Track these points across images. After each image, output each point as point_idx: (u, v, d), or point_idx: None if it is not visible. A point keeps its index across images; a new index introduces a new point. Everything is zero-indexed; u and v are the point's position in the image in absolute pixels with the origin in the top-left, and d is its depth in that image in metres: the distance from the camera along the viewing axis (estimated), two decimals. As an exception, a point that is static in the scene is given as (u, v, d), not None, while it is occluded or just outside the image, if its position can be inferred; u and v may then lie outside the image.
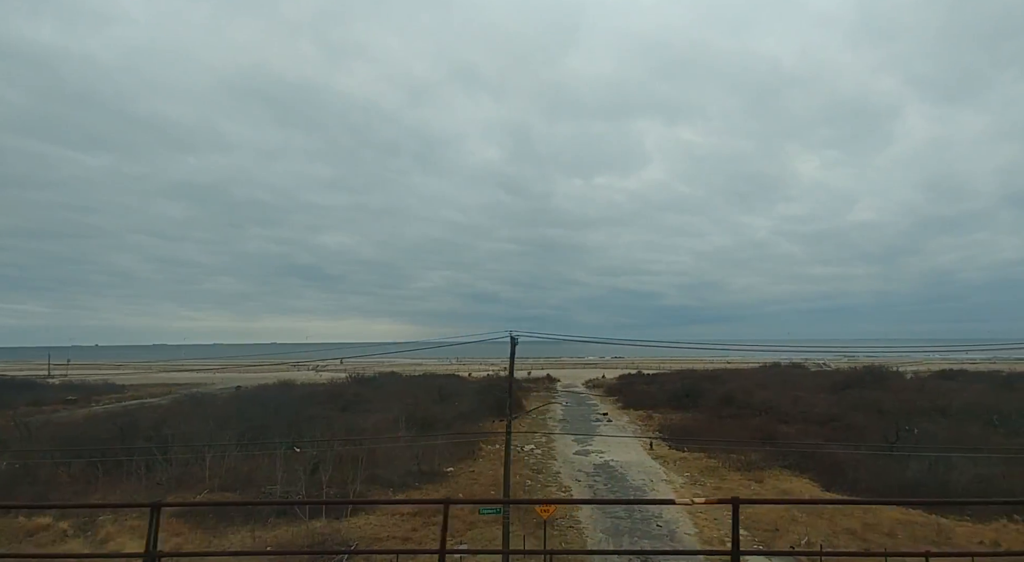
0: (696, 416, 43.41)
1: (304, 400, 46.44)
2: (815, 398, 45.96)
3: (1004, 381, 56.11)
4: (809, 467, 27.67)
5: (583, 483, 27.01)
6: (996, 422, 35.17)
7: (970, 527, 20.24)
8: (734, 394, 48.41)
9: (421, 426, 37.83)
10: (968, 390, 48.27)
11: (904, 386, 53.56)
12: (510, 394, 19.74)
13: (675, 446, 34.14)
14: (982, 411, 37.44)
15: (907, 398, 44.94)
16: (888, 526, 20.18)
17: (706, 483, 26.89)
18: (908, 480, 24.46)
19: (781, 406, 42.37)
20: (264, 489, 22.54)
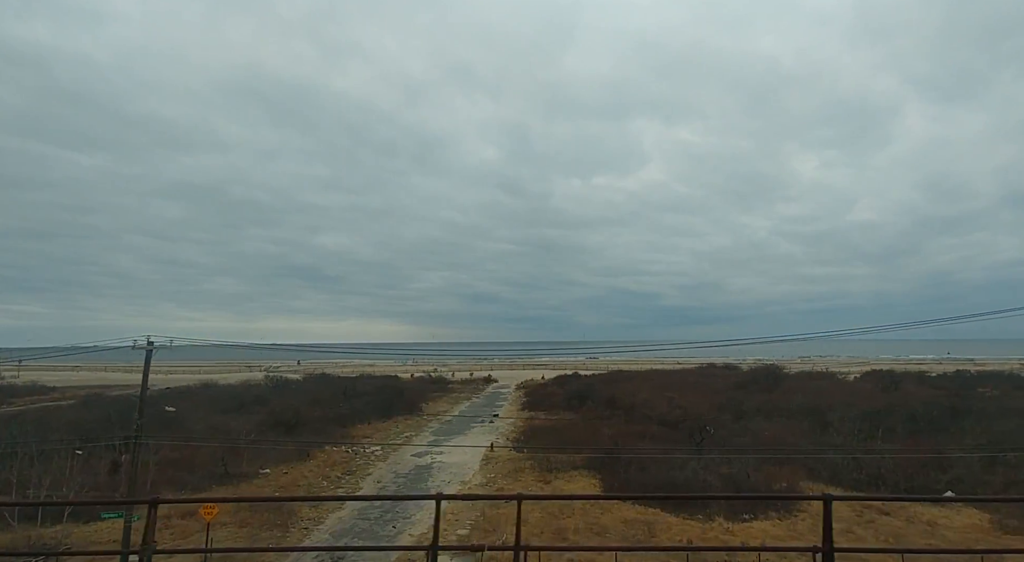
0: (573, 418, 44.82)
1: (196, 401, 48.11)
2: (694, 399, 47.29)
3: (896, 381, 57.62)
4: (604, 467, 29.12)
5: (383, 482, 28.62)
6: (831, 422, 36.51)
7: (682, 523, 21.81)
8: (618, 396, 49.74)
9: (286, 428, 39.66)
10: (841, 390, 50.02)
11: (790, 386, 54.97)
12: (140, 409, 20.19)
13: (517, 448, 35.62)
14: (823, 411, 38.78)
15: (771, 398, 46.74)
16: (610, 523, 21.79)
17: (500, 483, 28.43)
18: (670, 480, 25.86)
19: (650, 408, 43.73)
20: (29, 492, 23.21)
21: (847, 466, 27.22)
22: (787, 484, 25.16)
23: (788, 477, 25.80)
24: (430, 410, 54.48)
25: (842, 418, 34.96)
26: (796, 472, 26.76)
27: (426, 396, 61.50)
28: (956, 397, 42.96)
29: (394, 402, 51.16)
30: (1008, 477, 25.56)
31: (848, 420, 34.18)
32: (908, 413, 35.91)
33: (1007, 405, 38.58)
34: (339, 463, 31.72)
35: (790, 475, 26.16)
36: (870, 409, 37.18)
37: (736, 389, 55.15)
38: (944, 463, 27.23)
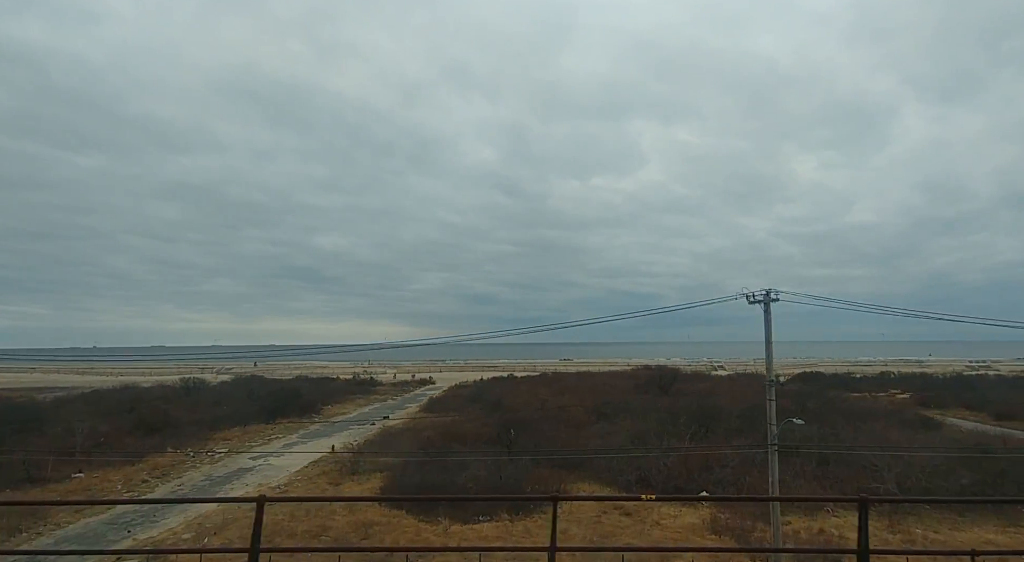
0: (455, 419, 45.65)
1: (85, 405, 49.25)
2: (575, 400, 47.94)
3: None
4: (408, 469, 29.90)
5: (186, 486, 29.56)
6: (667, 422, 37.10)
7: (417, 524, 22.59)
8: (503, 398, 50.53)
9: (149, 431, 40.79)
10: (725, 391, 50.53)
11: (679, 389, 55.53)
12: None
13: (360, 451, 36.46)
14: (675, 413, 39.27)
15: (649, 399, 47.31)
16: (341, 524, 22.64)
17: (297, 486, 29.34)
18: (443, 481, 26.65)
19: (526, 410, 44.49)
20: None
21: (622, 467, 27.82)
22: (538, 486, 25.81)
23: (549, 478, 26.46)
24: (332, 412, 55.50)
25: (675, 419, 35.44)
26: (562, 474, 27.41)
27: (335, 398, 62.52)
28: (803, 397, 43.50)
29: (288, 404, 52.08)
30: (760, 476, 26.05)
31: (681, 422, 34.65)
32: (739, 413, 36.36)
33: (846, 406, 39.03)
34: (163, 467, 32.66)
35: (553, 476, 26.83)
36: (712, 408, 37.74)
37: (633, 390, 55.68)
38: (722, 462, 27.74)
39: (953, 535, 21.45)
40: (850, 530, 21.90)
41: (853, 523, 22.43)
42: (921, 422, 35.64)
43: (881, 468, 24.13)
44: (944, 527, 22.11)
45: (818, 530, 21.76)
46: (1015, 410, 45.25)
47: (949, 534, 21.38)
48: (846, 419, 34.65)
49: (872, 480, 23.86)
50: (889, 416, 37.11)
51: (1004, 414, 45.26)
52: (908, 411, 40.84)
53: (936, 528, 22.05)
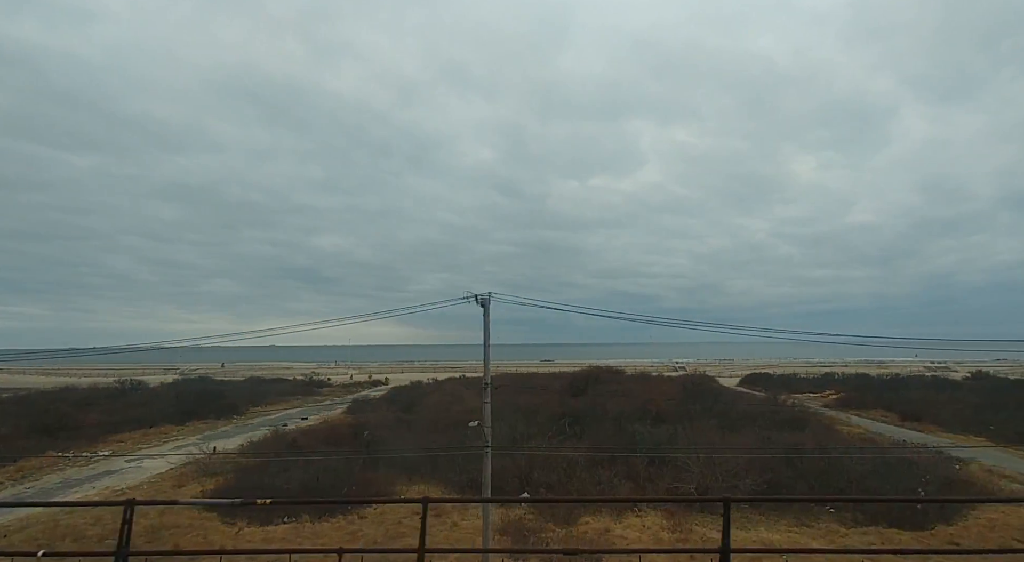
0: (369, 418, 46.01)
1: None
2: (498, 401, 48.10)
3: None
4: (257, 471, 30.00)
5: (32, 489, 29.89)
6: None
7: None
8: (415, 400, 50.79)
9: (45, 432, 41.17)
10: (649, 390, 50.17)
11: (602, 390, 55.40)
12: None
13: (218, 453, 36.55)
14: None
15: (570, 400, 47.09)
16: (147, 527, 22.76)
17: (143, 489, 29.51)
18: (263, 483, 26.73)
19: (442, 410, 44.77)
20: None
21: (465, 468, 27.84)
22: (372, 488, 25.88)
23: (377, 480, 26.51)
24: (256, 413, 55.77)
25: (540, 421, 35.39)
26: (392, 475, 27.46)
27: (269, 399, 62.94)
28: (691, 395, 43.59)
29: (210, 405, 52.40)
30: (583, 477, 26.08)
31: (539, 422, 34.57)
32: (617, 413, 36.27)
33: (724, 409, 38.90)
34: (28, 469, 33.03)
35: (381, 478, 26.88)
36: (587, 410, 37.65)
37: (548, 391, 55.72)
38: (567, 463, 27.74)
39: (748, 534, 21.28)
40: (637, 530, 21.82)
41: (647, 524, 22.37)
42: (791, 423, 35.43)
43: (692, 469, 24.03)
44: (741, 525, 22.01)
45: (604, 529, 21.64)
46: (921, 412, 46.37)
47: (741, 533, 21.19)
48: (719, 421, 34.52)
49: (675, 480, 23.79)
50: (765, 417, 36.91)
51: (910, 415, 46.29)
52: (787, 412, 40.60)
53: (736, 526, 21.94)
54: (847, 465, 24.36)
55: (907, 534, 21.00)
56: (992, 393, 53.77)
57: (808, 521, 22.50)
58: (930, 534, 20.93)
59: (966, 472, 27.88)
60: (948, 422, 42.91)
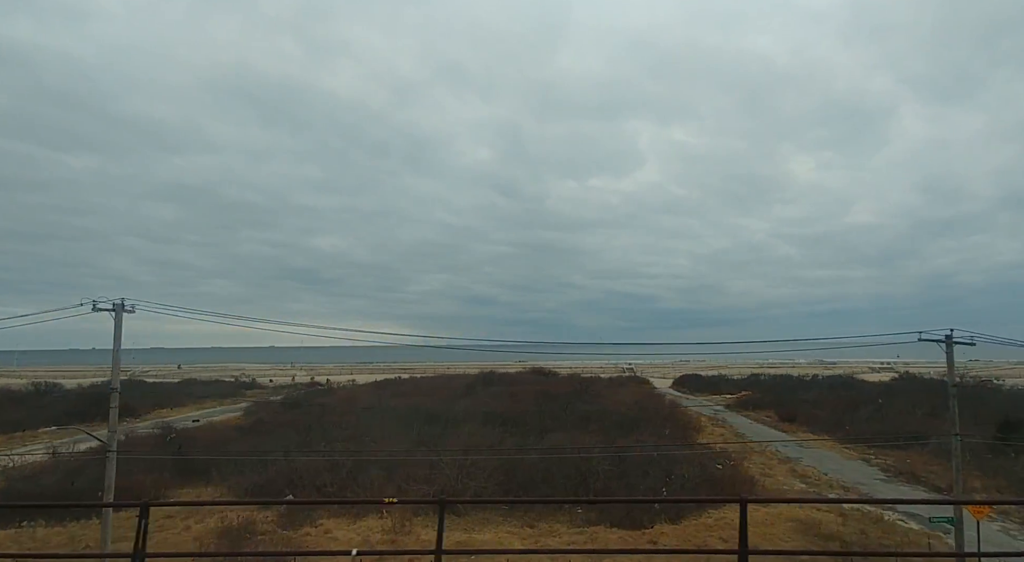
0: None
1: None
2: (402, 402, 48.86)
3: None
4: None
5: None
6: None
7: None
8: (313, 402, 51.90)
9: None
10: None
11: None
12: None
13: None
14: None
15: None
16: None
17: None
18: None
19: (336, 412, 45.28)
20: None
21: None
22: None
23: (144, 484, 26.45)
24: (161, 415, 55.99)
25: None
26: (166, 478, 27.45)
27: (184, 400, 63.79)
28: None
29: (104, 407, 52.58)
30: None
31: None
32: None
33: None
34: None
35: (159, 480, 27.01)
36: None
37: (456, 393, 56.02)
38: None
39: (470, 535, 20.95)
40: (361, 532, 21.52)
41: (371, 526, 22.00)
42: (626, 424, 35.83)
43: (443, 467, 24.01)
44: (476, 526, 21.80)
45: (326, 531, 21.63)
46: (796, 413, 47.34)
47: (459, 534, 20.82)
48: (556, 423, 34.79)
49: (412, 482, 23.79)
50: (607, 418, 37.19)
51: (786, 416, 47.27)
52: (643, 413, 40.54)
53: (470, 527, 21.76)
54: (595, 466, 24.12)
55: (620, 533, 20.95)
56: (886, 394, 53.85)
57: (543, 521, 22.46)
58: (641, 533, 20.83)
59: (731, 472, 28.11)
60: (817, 421, 43.21)
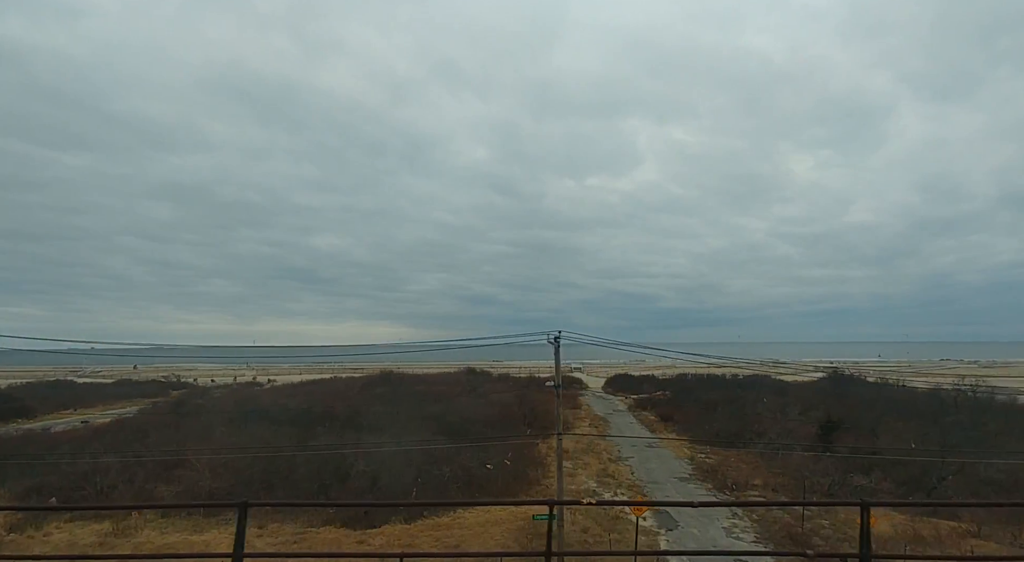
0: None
1: None
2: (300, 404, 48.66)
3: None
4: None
5: None
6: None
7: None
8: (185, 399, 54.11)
9: None
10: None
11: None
12: None
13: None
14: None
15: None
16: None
17: None
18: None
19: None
20: None
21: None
22: None
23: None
24: (58, 417, 55.10)
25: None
26: None
27: (87, 401, 64.21)
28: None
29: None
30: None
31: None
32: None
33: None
34: None
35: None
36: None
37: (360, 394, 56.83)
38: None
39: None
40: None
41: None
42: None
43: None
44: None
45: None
46: (673, 413, 49.07)
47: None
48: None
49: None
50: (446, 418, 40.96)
51: (664, 416, 49.28)
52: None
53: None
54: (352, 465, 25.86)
55: (341, 532, 21.28)
56: (792, 394, 54.87)
57: (277, 522, 22.36)
58: (363, 532, 21.15)
59: (504, 471, 28.94)
60: (688, 421, 44.96)
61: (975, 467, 27.30)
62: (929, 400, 45.84)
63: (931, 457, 28.49)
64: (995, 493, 24.80)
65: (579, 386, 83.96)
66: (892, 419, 38.88)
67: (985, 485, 25.70)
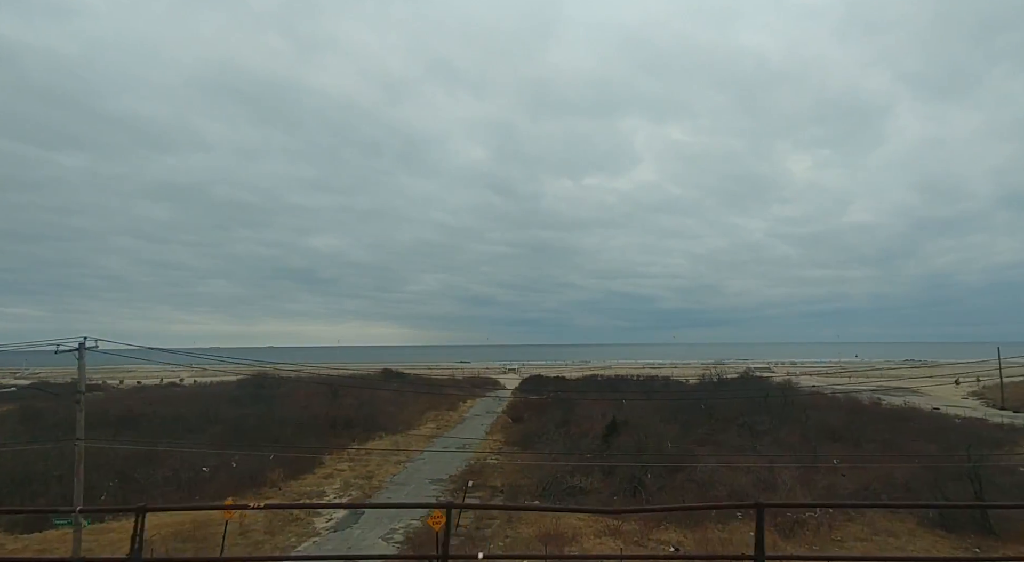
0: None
1: None
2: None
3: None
4: None
5: None
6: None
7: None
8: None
9: None
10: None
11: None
12: None
13: None
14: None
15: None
16: None
17: None
18: None
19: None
20: None
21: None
22: None
23: None
24: None
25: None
26: None
27: None
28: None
29: None
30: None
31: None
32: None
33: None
34: None
35: None
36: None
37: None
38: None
39: None
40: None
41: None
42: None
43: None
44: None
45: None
46: (523, 413, 50.82)
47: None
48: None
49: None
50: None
51: (517, 417, 50.34)
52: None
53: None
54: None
55: None
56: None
57: None
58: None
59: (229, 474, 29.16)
60: (529, 422, 46.10)
61: (695, 469, 27.58)
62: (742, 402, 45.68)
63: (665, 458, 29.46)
64: (686, 493, 24.84)
65: (492, 386, 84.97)
66: (659, 421, 39.19)
67: (688, 483, 26.02)
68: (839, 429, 37.47)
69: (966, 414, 47.04)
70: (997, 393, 61.28)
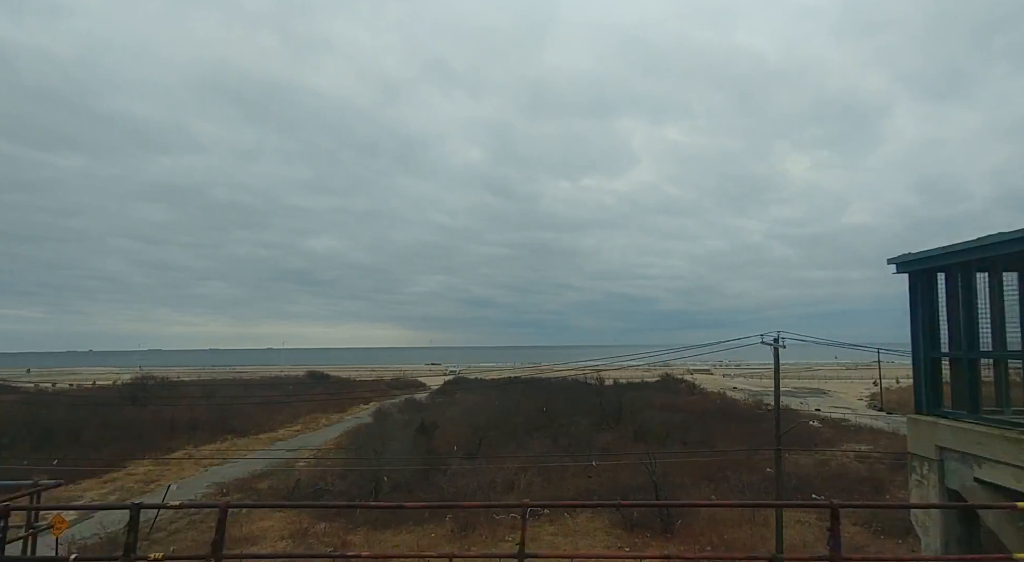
0: None
1: None
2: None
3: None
4: None
5: None
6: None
7: None
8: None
9: None
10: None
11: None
12: None
13: None
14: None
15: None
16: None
17: None
18: None
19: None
20: None
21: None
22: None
23: None
24: None
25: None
26: None
27: None
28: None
29: None
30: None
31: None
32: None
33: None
34: None
35: None
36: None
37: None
38: None
39: None
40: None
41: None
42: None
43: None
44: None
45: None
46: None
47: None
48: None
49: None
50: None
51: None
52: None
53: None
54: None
55: None
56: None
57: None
58: None
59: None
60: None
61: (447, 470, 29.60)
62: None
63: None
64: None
65: (413, 388, 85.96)
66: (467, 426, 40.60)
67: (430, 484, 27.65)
68: (675, 430, 39.17)
69: (829, 416, 50.52)
70: (896, 395, 65.90)
